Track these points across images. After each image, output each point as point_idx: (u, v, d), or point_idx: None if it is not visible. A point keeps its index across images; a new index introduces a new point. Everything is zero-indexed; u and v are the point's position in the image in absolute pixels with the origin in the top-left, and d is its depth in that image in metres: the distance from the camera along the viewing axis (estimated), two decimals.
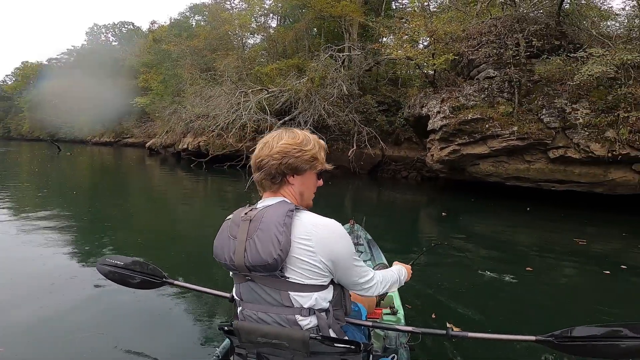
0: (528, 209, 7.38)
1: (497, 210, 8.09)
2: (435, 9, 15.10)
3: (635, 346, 1.06)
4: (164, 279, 1.73)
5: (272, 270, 1.05)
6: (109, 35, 47.04)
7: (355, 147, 12.27)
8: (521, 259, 4.45)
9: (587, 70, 6.95)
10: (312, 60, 13.49)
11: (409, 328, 1.40)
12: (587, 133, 7.12)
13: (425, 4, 14.65)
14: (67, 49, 50.25)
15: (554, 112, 7.68)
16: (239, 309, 1.17)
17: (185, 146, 16.44)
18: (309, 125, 12.55)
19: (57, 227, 5.12)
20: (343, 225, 3.68)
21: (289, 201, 1.13)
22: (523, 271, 3.92)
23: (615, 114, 6.86)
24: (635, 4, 9.10)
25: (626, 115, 6.71)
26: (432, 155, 9.79)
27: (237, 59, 16.69)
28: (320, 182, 1.23)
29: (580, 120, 7.24)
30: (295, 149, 1.12)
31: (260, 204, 1.14)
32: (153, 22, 41.41)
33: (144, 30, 42.01)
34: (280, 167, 1.11)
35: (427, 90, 11.00)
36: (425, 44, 12.31)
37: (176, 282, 1.73)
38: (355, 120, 12.80)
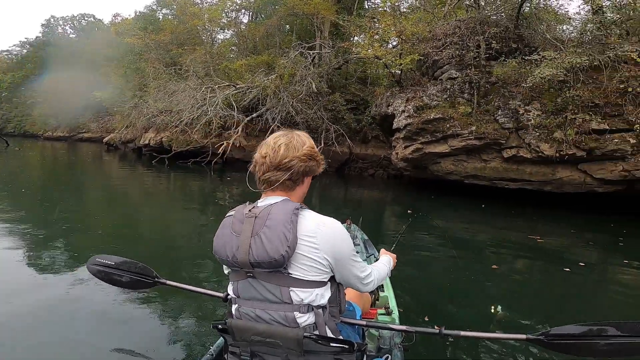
0: (483, 206, 7.81)
1: (456, 207, 8.50)
2: (405, 10, 15.61)
3: (624, 344, 1.09)
4: (155, 279, 1.73)
5: (277, 267, 1.08)
6: (67, 27, 45.03)
7: (323, 145, 12.43)
8: (485, 258, 4.65)
9: (539, 72, 7.44)
10: (282, 57, 13.55)
11: (403, 327, 1.42)
12: (537, 134, 7.63)
13: (397, 4, 15.12)
14: (20, 41, 47.66)
15: (509, 113, 8.17)
16: (235, 306, 1.19)
17: (146, 142, 16.00)
18: (276, 122, 12.60)
19: (2, 228, 4.83)
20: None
21: (291, 200, 1.17)
22: (489, 270, 4.09)
23: (564, 115, 7.39)
24: (590, 9, 9.82)
25: (573, 117, 7.25)
26: (397, 153, 10.11)
27: (205, 54, 16.48)
28: None
29: (532, 122, 7.75)
30: (316, 153, 1.22)
31: (262, 203, 1.17)
32: (116, 15, 40.22)
33: (105, 23, 40.54)
34: (305, 169, 1.18)
35: (393, 89, 11.32)
36: (394, 43, 12.67)
37: (168, 282, 1.73)
38: (324, 118, 12.97)
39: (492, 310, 2.91)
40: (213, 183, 11.45)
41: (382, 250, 1.69)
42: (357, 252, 3.09)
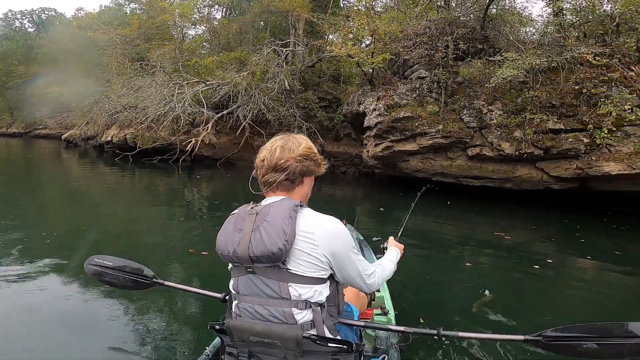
0: (449, 202, 8.14)
1: (423, 204, 8.76)
2: (380, 10, 15.93)
3: (624, 345, 1.09)
4: (153, 279, 1.75)
5: (276, 261, 1.12)
6: (25, 21, 43.13)
7: None
8: (459, 256, 4.79)
9: (501, 73, 7.83)
10: (255, 54, 13.52)
11: (401, 328, 1.45)
12: (499, 133, 8.04)
13: (372, 3, 15.41)
14: None
15: (473, 112, 8.55)
16: (235, 302, 1.23)
17: (109, 138, 15.54)
18: (248, 119, 12.56)
19: None
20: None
21: (293, 199, 1.22)
22: (465, 267, 4.21)
23: (523, 115, 7.82)
24: (551, 11, 10.42)
25: (531, 117, 7.69)
26: (368, 151, 10.34)
27: (175, 50, 16.20)
28: None
29: (494, 121, 8.15)
30: (313, 153, 1.27)
31: (264, 202, 1.23)
32: (79, 9, 39.15)
33: (68, 17, 39.23)
34: (302, 169, 1.23)
35: (365, 88, 11.56)
36: (367, 42, 12.92)
37: (166, 283, 1.74)
38: (296, 116, 13.04)
39: (481, 296, 3.00)
40: (181, 181, 11.27)
41: (391, 239, 1.74)
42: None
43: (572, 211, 7.78)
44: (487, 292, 3.13)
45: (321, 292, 1.17)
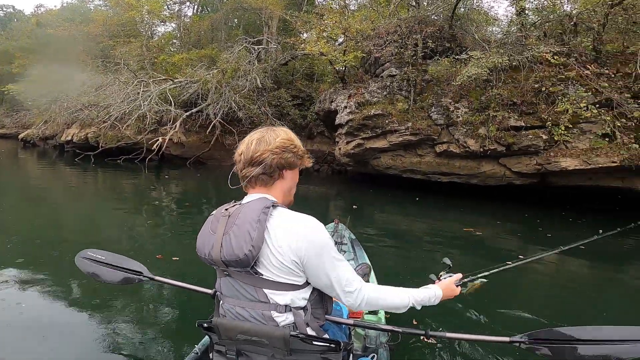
0: (417, 198, 8.41)
1: (394, 200, 9.07)
2: (354, 9, 16.14)
3: (607, 348, 1.12)
4: (144, 275, 1.75)
5: (244, 266, 1.10)
6: None
7: None
8: (434, 253, 4.87)
9: (466, 72, 8.15)
10: (226, 52, 13.44)
11: (390, 327, 1.45)
12: (464, 130, 8.36)
13: (347, 1, 15.59)
14: None
15: (441, 110, 8.85)
16: (220, 302, 1.23)
17: (69, 138, 15.04)
18: (218, 117, 12.46)
19: None
20: (327, 224, 3.72)
21: (270, 198, 1.19)
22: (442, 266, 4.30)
23: (487, 113, 8.17)
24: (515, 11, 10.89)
25: (495, 114, 8.04)
26: (340, 149, 10.49)
27: (142, 47, 15.86)
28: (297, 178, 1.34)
29: (460, 118, 8.47)
30: (291, 144, 1.23)
31: (243, 201, 1.21)
32: (39, 6, 37.93)
33: (27, 14, 37.90)
34: (280, 162, 1.20)
35: (337, 86, 11.71)
36: (340, 41, 13.08)
37: (157, 278, 1.75)
38: (268, 114, 13.04)
39: (472, 285, 3.11)
40: (148, 182, 11.05)
41: (451, 278, 1.46)
42: (344, 252, 3.13)
43: (532, 206, 8.19)
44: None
45: (301, 297, 1.15)
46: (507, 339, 1.29)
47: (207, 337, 1.42)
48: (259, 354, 1.15)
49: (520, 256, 4.75)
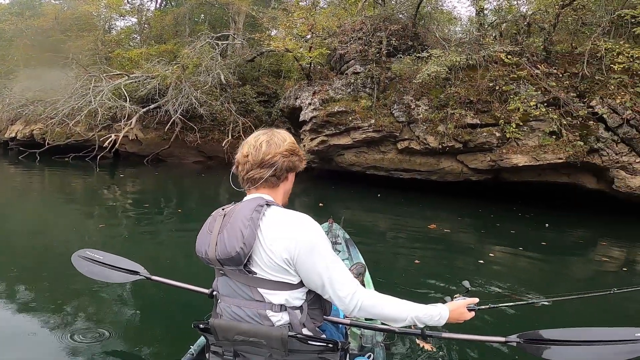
0: (379, 195, 8.74)
1: (358, 197, 9.36)
2: (324, 6, 16.34)
3: (599, 349, 1.15)
4: (140, 274, 1.79)
5: (237, 264, 1.12)
6: None
7: (230, 138, 12.50)
8: (406, 252, 4.92)
9: (426, 69, 8.52)
10: (187, 47, 13.28)
11: (386, 326, 1.45)
12: (425, 127, 8.76)
13: None
14: None
15: (402, 107, 9.21)
16: (218, 302, 1.26)
17: (13, 135, 14.36)
18: (178, 114, 12.29)
19: None
20: (321, 224, 3.75)
21: (266, 197, 1.22)
22: (414, 265, 4.32)
23: (445, 110, 8.60)
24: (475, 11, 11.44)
25: (452, 112, 8.48)
26: (304, 145, 10.65)
27: (95, 41, 15.37)
28: None
29: (421, 116, 8.86)
30: (297, 148, 1.29)
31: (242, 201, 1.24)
32: None
33: None
34: (289, 164, 1.24)
35: (301, 82, 11.87)
36: (309, 37, 13.23)
37: (154, 278, 1.78)
38: (232, 110, 13.00)
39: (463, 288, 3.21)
40: (101, 181, 10.76)
41: (463, 301, 1.38)
42: (339, 252, 3.17)
43: (487, 201, 8.72)
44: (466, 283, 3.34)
45: (296, 297, 1.17)
46: (502, 339, 1.33)
47: (202, 337, 1.43)
48: (256, 354, 1.17)
49: (491, 254, 4.98)
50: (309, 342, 1.15)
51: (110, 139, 11.67)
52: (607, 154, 7.63)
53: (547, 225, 6.75)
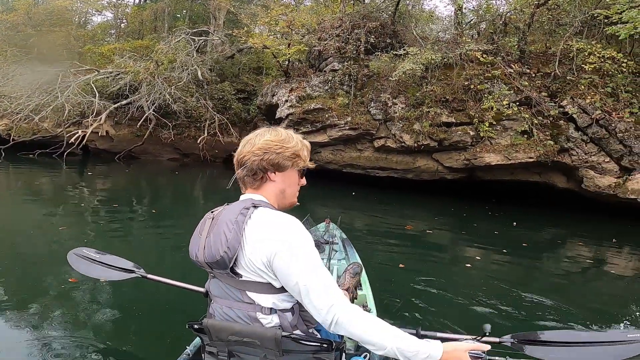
0: (354, 193, 8.77)
1: (333, 195, 9.38)
2: (306, 4, 16.30)
3: (592, 351, 1.15)
4: (135, 272, 1.81)
5: (223, 268, 1.12)
6: None
7: (206, 135, 12.35)
8: (390, 255, 4.84)
9: (401, 67, 8.57)
10: (162, 42, 13.10)
11: None
12: (401, 125, 8.84)
13: None
14: None
15: (379, 105, 9.26)
16: (211, 302, 1.26)
17: None
18: (151, 110, 12.07)
19: None
20: (318, 224, 3.80)
21: (256, 198, 1.20)
22: (399, 269, 4.28)
23: (421, 109, 8.67)
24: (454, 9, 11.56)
25: (428, 110, 8.56)
26: None
27: (67, 36, 14.99)
28: (304, 181, 1.31)
29: (397, 114, 8.93)
30: (276, 145, 1.21)
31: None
32: None
33: None
34: (261, 163, 1.20)
35: (279, 79, 11.81)
36: (287, 34, 13.14)
37: (149, 276, 1.80)
38: (208, 107, 12.84)
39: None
40: (67, 178, 10.47)
41: (453, 343, 1.16)
42: (335, 252, 3.13)
43: (461, 200, 8.86)
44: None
45: (284, 300, 1.16)
46: (496, 339, 1.33)
47: (198, 338, 1.44)
48: (250, 354, 1.17)
49: (477, 257, 4.90)
50: (303, 342, 1.14)
51: (77, 135, 11.36)
52: (576, 153, 7.84)
53: (514, 224, 6.91)
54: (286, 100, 10.36)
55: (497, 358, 1.30)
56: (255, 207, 1.16)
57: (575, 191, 8.28)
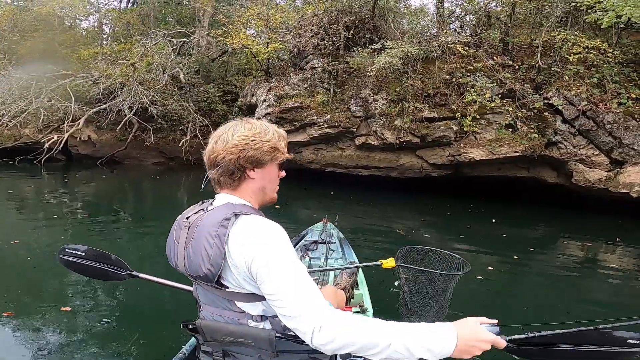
0: (332, 193, 8.28)
1: (312, 196, 8.90)
2: (282, 2, 15.94)
3: (591, 352, 1.09)
4: (128, 271, 1.76)
5: (208, 282, 1.06)
6: None
7: (188, 138, 11.90)
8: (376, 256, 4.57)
9: (378, 61, 8.10)
10: (137, 44, 12.72)
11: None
12: (382, 121, 8.32)
13: None
14: None
15: (360, 102, 8.75)
16: (201, 307, 1.20)
17: None
18: (131, 113, 11.63)
19: None
20: (315, 224, 3.79)
21: (236, 202, 1.10)
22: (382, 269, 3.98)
23: (401, 104, 8.19)
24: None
25: (408, 105, 8.07)
26: None
27: (50, 42, 14.64)
28: (283, 174, 1.20)
29: (378, 110, 8.43)
30: (253, 140, 1.09)
31: (211, 204, 1.13)
32: None
33: None
34: (238, 162, 1.08)
35: (258, 79, 11.39)
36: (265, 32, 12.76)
37: (141, 275, 1.76)
38: (191, 110, 12.39)
39: None
40: (48, 185, 9.98)
41: (463, 320, 1.02)
42: (333, 252, 3.11)
43: (448, 198, 8.34)
44: None
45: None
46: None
47: (193, 337, 1.42)
48: (245, 354, 1.13)
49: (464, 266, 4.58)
50: (298, 342, 1.05)
51: (52, 140, 10.92)
52: (565, 147, 7.34)
53: (493, 220, 6.45)
54: (264, 100, 9.87)
55: (516, 336, 1.07)
56: (236, 215, 1.05)
57: (566, 186, 7.76)
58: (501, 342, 1.02)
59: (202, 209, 1.13)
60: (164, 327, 2.62)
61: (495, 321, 1.06)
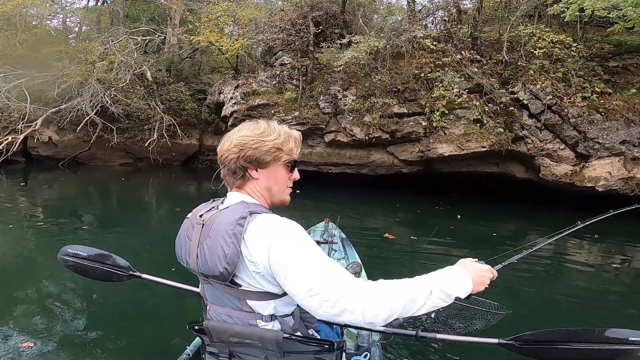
0: (298, 191, 7.95)
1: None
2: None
3: (599, 351, 1.09)
4: (130, 272, 1.74)
5: (222, 281, 1.05)
6: None
7: (155, 137, 11.34)
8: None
9: (344, 56, 7.81)
10: (96, 42, 12.09)
11: (381, 328, 1.40)
12: (351, 118, 8.03)
13: None
14: None
15: (329, 98, 8.43)
16: (207, 307, 1.19)
17: None
18: (92, 113, 10.99)
19: None
20: (317, 224, 3.76)
21: (249, 201, 1.11)
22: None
23: (370, 100, 7.92)
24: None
25: (377, 101, 7.81)
26: None
27: (8, 40, 13.80)
28: (295, 176, 1.20)
29: (348, 106, 8.14)
30: (253, 140, 1.10)
31: (222, 203, 1.14)
32: None
33: None
34: (239, 161, 1.11)
35: (226, 76, 10.95)
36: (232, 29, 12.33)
37: (144, 276, 1.75)
38: (158, 109, 11.83)
39: None
40: (3, 189, 9.26)
41: (468, 260, 1.18)
42: (334, 252, 3.11)
43: (415, 193, 8.14)
44: None
45: (285, 305, 1.09)
46: (495, 340, 1.28)
47: (198, 338, 1.41)
48: (251, 355, 1.13)
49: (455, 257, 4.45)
50: (305, 343, 1.10)
51: (7, 142, 10.19)
52: (532, 141, 7.21)
53: (459, 216, 6.27)
54: (231, 98, 9.44)
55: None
56: (252, 214, 1.05)
57: (535, 181, 7.66)
58: (494, 272, 1.16)
59: (214, 207, 1.13)
60: (167, 328, 2.61)
61: (477, 258, 1.18)
